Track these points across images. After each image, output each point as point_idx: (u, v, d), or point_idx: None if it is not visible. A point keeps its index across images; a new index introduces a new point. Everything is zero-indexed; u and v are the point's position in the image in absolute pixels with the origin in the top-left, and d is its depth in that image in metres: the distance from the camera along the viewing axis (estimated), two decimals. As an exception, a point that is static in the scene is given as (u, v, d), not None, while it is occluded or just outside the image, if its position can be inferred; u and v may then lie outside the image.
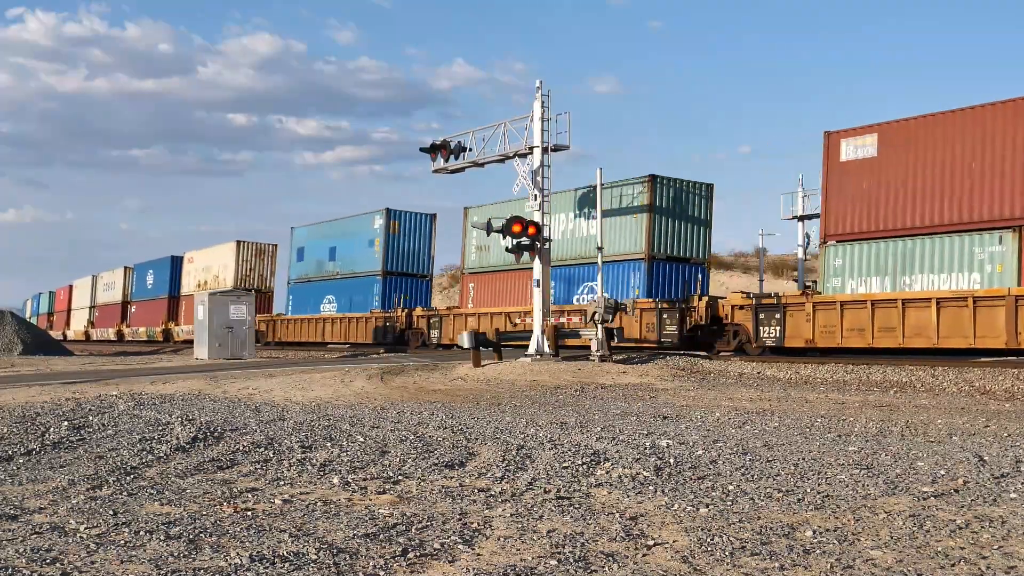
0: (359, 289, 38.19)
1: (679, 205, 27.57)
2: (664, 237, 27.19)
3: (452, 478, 7.56)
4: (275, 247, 46.83)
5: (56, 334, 64.06)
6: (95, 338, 62.68)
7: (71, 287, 72.57)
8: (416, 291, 37.65)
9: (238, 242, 46.09)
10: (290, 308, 43.25)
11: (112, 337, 58.77)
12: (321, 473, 7.81)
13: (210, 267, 48.25)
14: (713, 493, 6.83)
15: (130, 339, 56.13)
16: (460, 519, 6.01)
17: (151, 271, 55.27)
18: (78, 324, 68.12)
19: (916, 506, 6.35)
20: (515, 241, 23.13)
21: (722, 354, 24.16)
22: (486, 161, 25.32)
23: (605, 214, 25.05)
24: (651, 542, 5.40)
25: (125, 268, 59.67)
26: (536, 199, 23.58)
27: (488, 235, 24.47)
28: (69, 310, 72.00)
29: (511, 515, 6.13)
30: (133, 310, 57.49)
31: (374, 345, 36.15)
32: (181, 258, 52.10)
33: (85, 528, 5.74)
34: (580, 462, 8.18)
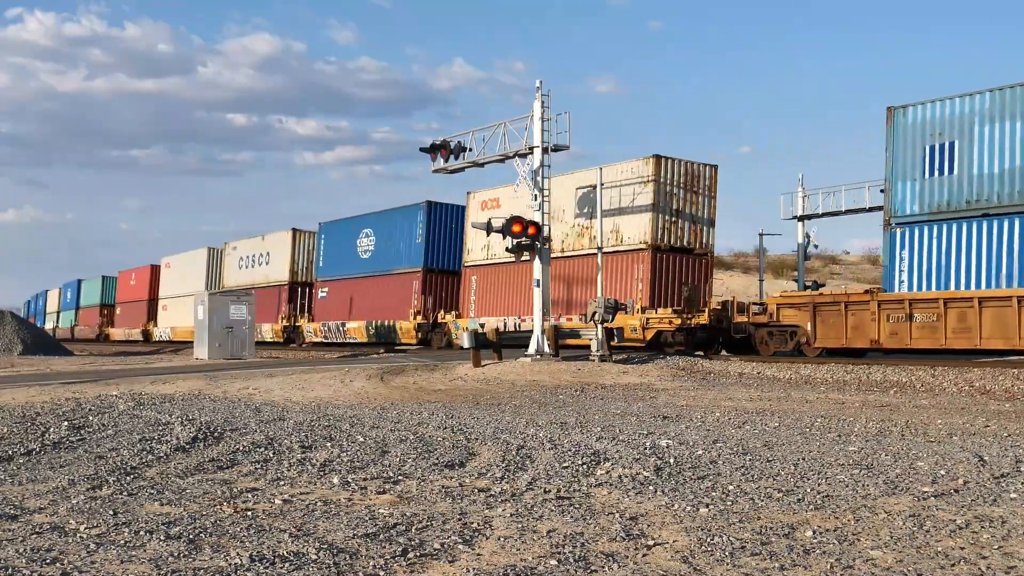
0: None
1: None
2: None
3: (452, 478, 7.56)
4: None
5: (126, 333, 56.62)
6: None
7: (155, 268, 57.40)
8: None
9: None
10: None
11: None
12: (321, 473, 7.81)
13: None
14: (713, 493, 6.83)
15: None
16: (460, 519, 6.01)
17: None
18: (176, 318, 51.65)
19: (916, 506, 6.35)
20: (515, 241, 23.13)
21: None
22: (486, 161, 25.31)
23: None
24: (651, 542, 5.40)
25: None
26: (536, 199, 23.58)
27: (488, 235, 24.46)
28: (155, 299, 56.40)
29: (511, 515, 6.12)
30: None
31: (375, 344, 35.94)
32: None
33: (85, 528, 5.74)
34: (580, 462, 8.18)
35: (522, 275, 29.14)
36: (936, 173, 20.84)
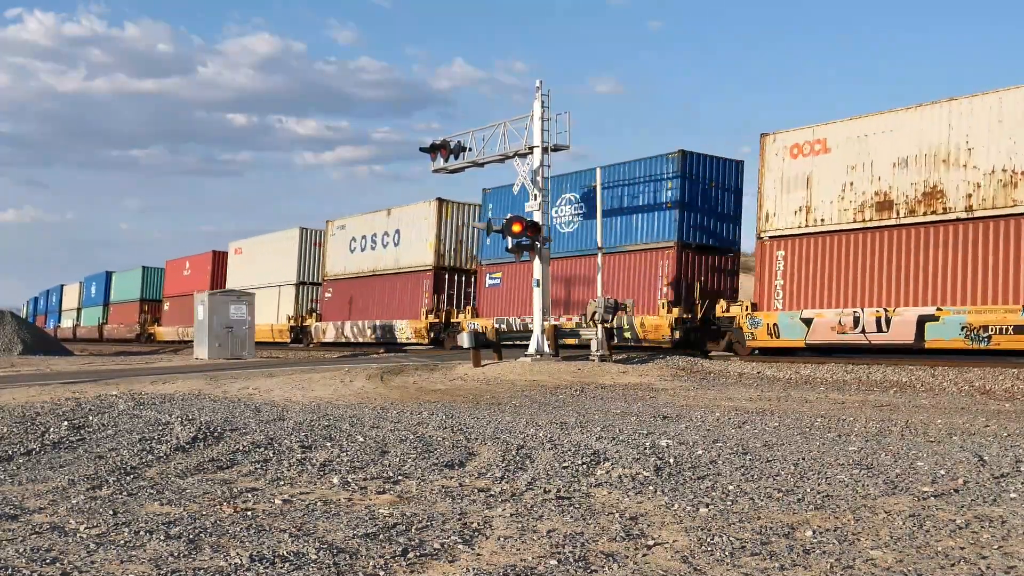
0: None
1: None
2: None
3: (452, 478, 7.56)
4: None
5: (181, 332, 48.55)
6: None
7: (219, 255, 48.77)
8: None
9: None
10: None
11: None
12: (321, 473, 7.81)
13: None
14: (713, 493, 6.83)
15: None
16: (460, 519, 6.01)
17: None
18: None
19: (916, 506, 6.35)
20: (515, 241, 23.16)
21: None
22: (486, 161, 25.31)
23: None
24: (651, 542, 5.40)
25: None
26: (536, 199, 23.59)
27: (488, 235, 24.46)
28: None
29: (511, 515, 6.13)
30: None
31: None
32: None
33: (85, 528, 5.74)
34: (580, 462, 8.18)
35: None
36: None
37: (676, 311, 24.23)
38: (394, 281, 35.30)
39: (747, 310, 22.81)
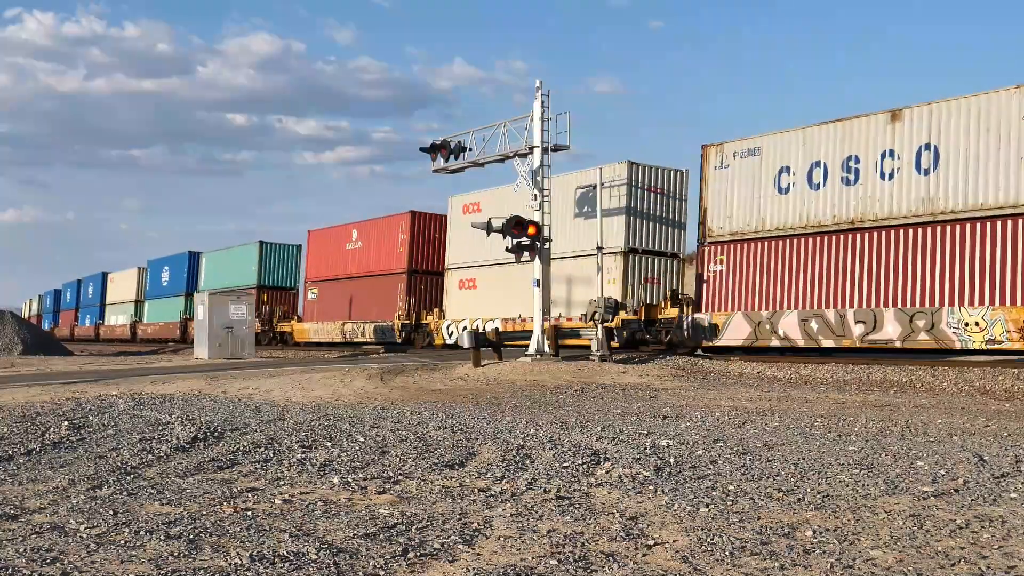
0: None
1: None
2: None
3: (452, 478, 7.55)
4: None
5: (353, 330, 37.41)
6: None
7: (419, 216, 35.92)
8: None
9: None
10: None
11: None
12: (321, 473, 7.81)
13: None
14: (713, 493, 6.83)
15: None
16: (460, 519, 6.01)
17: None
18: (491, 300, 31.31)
19: (916, 506, 6.35)
20: (515, 241, 23.14)
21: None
22: (486, 161, 25.31)
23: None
24: (651, 542, 5.40)
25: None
26: (536, 199, 23.59)
27: (488, 235, 24.46)
28: (426, 271, 35.69)
29: (511, 515, 6.12)
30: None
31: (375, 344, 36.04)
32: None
33: (85, 528, 5.74)
34: (580, 462, 8.18)
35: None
36: None
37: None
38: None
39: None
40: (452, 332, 32.49)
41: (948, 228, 19.44)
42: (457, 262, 33.13)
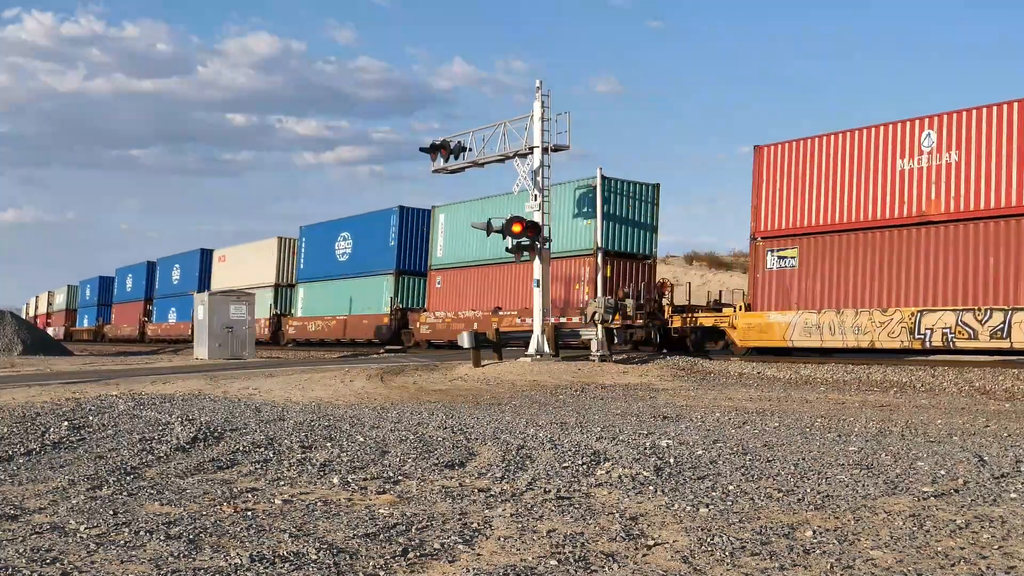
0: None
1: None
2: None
3: (452, 478, 7.55)
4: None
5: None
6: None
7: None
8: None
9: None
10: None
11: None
12: (321, 473, 7.80)
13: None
14: (713, 493, 6.83)
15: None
16: (460, 519, 6.01)
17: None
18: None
19: (916, 506, 6.35)
20: (515, 241, 23.15)
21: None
22: (486, 161, 25.32)
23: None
24: (651, 542, 5.40)
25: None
26: (536, 199, 23.59)
27: (488, 235, 24.48)
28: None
29: (511, 515, 6.12)
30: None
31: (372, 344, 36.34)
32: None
33: (85, 528, 5.74)
34: (580, 462, 8.18)
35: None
36: None
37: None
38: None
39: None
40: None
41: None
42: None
